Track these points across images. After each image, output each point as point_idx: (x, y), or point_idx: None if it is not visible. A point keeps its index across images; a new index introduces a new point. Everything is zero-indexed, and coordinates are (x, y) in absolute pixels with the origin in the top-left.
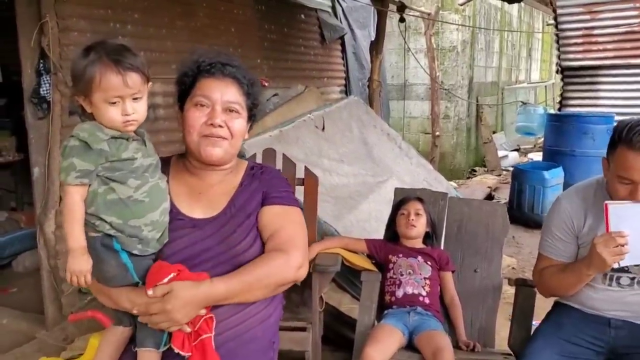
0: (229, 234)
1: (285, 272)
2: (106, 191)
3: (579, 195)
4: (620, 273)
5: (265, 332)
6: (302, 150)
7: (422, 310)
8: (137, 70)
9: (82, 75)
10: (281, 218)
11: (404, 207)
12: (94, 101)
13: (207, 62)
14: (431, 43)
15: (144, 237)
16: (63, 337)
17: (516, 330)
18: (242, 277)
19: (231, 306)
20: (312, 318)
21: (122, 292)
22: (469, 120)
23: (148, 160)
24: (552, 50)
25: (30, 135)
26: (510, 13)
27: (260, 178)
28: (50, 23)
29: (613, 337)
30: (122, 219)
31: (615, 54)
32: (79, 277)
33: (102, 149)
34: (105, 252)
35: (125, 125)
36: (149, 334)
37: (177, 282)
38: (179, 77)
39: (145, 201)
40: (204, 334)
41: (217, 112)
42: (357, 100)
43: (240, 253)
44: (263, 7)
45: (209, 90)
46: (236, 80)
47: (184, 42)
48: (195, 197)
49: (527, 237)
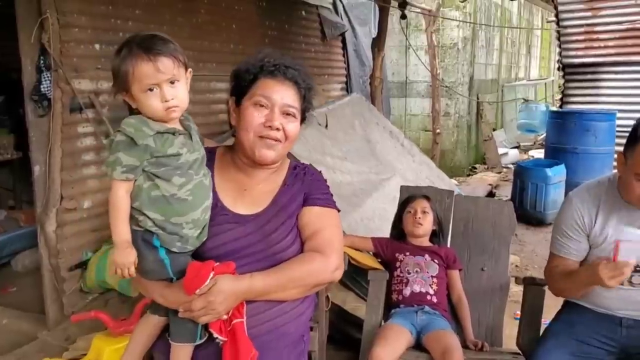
0: (271, 231)
1: (322, 274)
2: (150, 187)
3: (590, 192)
4: (632, 272)
5: (298, 328)
6: (305, 147)
7: (429, 309)
8: (167, 55)
9: (119, 72)
10: (321, 219)
11: (411, 205)
12: (134, 94)
13: (271, 62)
14: (432, 40)
15: (184, 235)
16: (65, 337)
17: (525, 329)
18: (281, 274)
19: (266, 301)
20: (319, 317)
21: (156, 286)
22: (469, 117)
23: (194, 155)
24: (552, 47)
25: (31, 133)
26: (510, 10)
27: (302, 179)
28: (50, 19)
29: (625, 336)
30: (165, 216)
31: (617, 51)
32: (123, 270)
33: (148, 145)
34: (144, 247)
35: (168, 112)
36: (183, 328)
37: (219, 276)
38: (239, 73)
39: (188, 199)
40: (235, 319)
41: (275, 114)
42: (360, 98)
43: (280, 251)
44: (264, 4)
45: (269, 92)
46: (296, 84)
47: (185, 39)
48: (240, 193)
49: (530, 234)
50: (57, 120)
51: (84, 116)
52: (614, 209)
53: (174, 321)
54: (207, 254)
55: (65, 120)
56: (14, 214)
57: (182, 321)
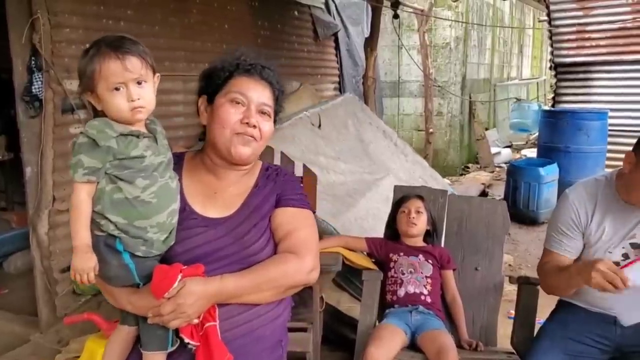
0: (243, 234)
1: (297, 275)
2: (113, 190)
3: (586, 190)
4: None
5: (274, 331)
6: (298, 148)
7: (424, 310)
8: (136, 55)
9: (85, 71)
10: (295, 220)
11: (405, 205)
12: (100, 94)
13: (247, 61)
14: (424, 40)
15: (149, 239)
16: (58, 339)
17: (519, 328)
18: (253, 276)
19: (240, 304)
20: (313, 318)
21: (123, 293)
22: (462, 117)
23: (159, 158)
24: (543, 46)
25: (22, 134)
26: (502, 10)
27: (275, 179)
28: (41, 19)
29: (619, 335)
30: (128, 220)
31: (609, 50)
32: (82, 275)
33: (110, 146)
34: (107, 251)
35: (134, 113)
36: (154, 335)
37: (188, 278)
38: (212, 71)
39: (152, 202)
40: (207, 322)
41: (252, 111)
42: (353, 98)
43: (253, 254)
44: (256, 4)
45: (246, 89)
46: (271, 85)
47: (177, 39)
48: (210, 197)
49: (523, 234)
50: (49, 121)
51: (75, 117)
52: (611, 208)
53: (143, 329)
54: (176, 259)
55: (57, 121)
56: (6, 216)
57: (152, 328)
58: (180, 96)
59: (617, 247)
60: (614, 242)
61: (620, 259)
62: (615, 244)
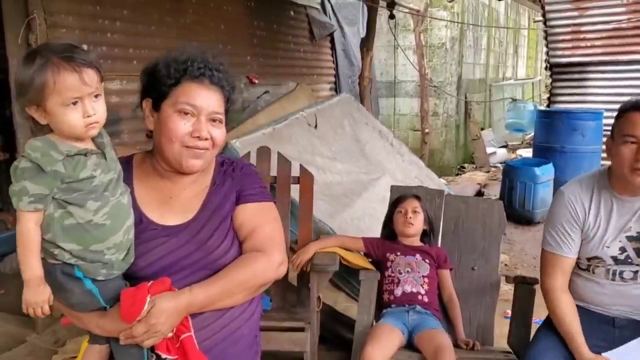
0: (206, 238)
1: (267, 272)
2: (63, 215)
3: (581, 185)
4: (622, 267)
5: (251, 329)
6: (295, 148)
7: (421, 309)
8: (92, 67)
9: (31, 83)
10: (257, 216)
11: (401, 205)
12: (49, 108)
13: (195, 66)
14: (420, 40)
15: (108, 261)
16: (54, 340)
17: (516, 328)
18: (222, 282)
19: (214, 311)
20: (310, 318)
21: (91, 317)
22: (457, 117)
23: (109, 175)
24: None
25: (19, 135)
26: (497, 10)
27: (232, 175)
28: (37, 19)
29: (618, 337)
30: (83, 245)
31: (604, 51)
32: (36, 309)
33: (57, 171)
34: (67, 280)
35: (87, 129)
36: (127, 355)
37: (157, 296)
38: (156, 73)
39: (106, 224)
40: (182, 334)
41: (202, 123)
42: (349, 98)
43: (219, 257)
44: (252, 4)
45: (194, 98)
46: (221, 88)
47: (173, 39)
48: (166, 203)
49: (519, 233)
50: None
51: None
52: (606, 202)
53: (116, 349)
54: (140, 273)
55: None
56: (2, 216)
57: (125, 348)
58: None
59: (614, 242)
60: (611, 237)
61: (617, 253)
62: (612, 238)
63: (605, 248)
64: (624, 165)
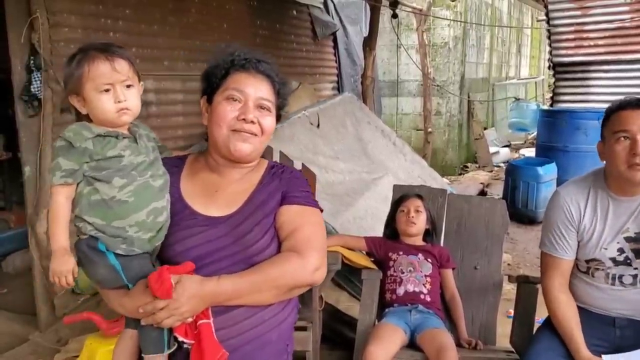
0: (245, 232)
1: (299, 275)
2: (90, 192)
3: (576, 186)
4: (622, 270)
5: (281, 335)
6: (297, 147)
7: (423, 309)
8: (124, 58)
9: (73, 74)
10: (299, 218)
11: (404, 205)
12: (86, 95)
13: (242, 56)
14: (423, 39)
15: (128, 237)
16: (57, 339)
17: (518, 327)
18: (251, 276)
19: (245, 309)
20: (312, 317)
21: (115, 295)
22: (460, 116)
23: (139, 158)
24: (542, 46)
25: (21, 134)
26: (500, 9)
27: (280, 177)
28: (40, 19)
29: (619, 337)
30: (105, 220)
31: (607, 50)
32: (61, 278)
33: (86, 147)
34: (92, 253)
35: (119, 114)
36: (149, 337)
37: (184, 275)
38: (209, 70)
39: (129, 201)
40: (200, 320)
41: (249, 107)
42: (351, 97)
43: (256, 253)
44: (255, 3)
45: (242, 85)
46: (269, 78)
47: (176, 39)
48: (211, 196)
49: (522, 233)
50: (48, 121)
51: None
52: (603, 203)
53: (140, 333)
54: (176, 259)
55: (55, 121)
56: (4, 215)
57: (147, 330)
58: (179, 95)
59: (612, 243)
60: (608, 238)
61: (616, 255)
62: (610, 240)
63: (603, 250)
64: (620, 162)
